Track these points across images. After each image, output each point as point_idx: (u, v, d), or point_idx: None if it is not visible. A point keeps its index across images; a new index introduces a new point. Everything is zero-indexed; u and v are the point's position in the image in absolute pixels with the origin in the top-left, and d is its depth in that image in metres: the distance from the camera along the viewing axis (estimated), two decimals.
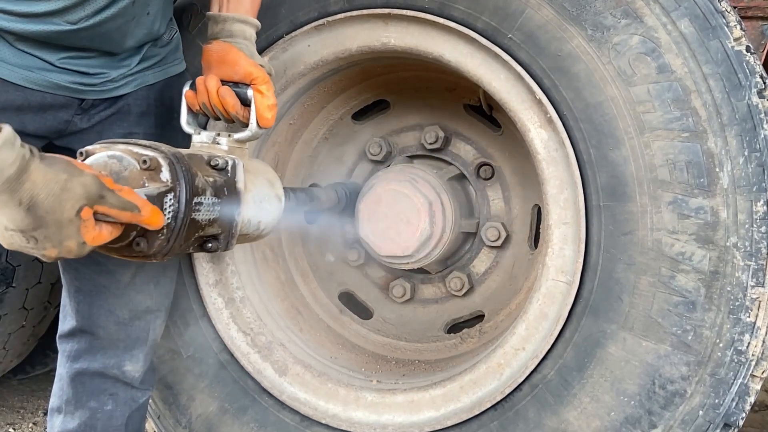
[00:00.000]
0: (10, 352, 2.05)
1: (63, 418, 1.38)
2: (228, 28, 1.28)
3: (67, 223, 0.84)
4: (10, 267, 1.84)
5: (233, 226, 1.16)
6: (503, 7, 1.26)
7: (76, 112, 1.24)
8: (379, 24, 1.40)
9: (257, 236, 1.28)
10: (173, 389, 1.60)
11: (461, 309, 1.81)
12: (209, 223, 1.09)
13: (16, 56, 1.13)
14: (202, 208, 1.06)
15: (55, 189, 0.82)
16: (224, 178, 1.14)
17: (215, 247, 1.14)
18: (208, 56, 1.28)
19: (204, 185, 1.07)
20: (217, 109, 1.25)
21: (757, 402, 2.02)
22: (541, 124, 1.27)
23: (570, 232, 1.25)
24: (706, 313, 1.13)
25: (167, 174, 1.00)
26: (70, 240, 0.86)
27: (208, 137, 1.27)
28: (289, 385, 1.53)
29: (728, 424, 1.13)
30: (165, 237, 1.00)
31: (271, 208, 1.28)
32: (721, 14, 1.13)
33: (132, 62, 1.29)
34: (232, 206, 1.15)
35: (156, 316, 1.42)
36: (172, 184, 1.00)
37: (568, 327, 1.24)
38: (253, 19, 1.31)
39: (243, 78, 1.24)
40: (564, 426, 1.24)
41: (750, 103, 1.11)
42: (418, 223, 1.55)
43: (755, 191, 1.10)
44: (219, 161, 1.14)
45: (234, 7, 1.29)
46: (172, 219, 1.00)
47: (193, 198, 1.03)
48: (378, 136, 1.83)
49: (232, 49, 1.26)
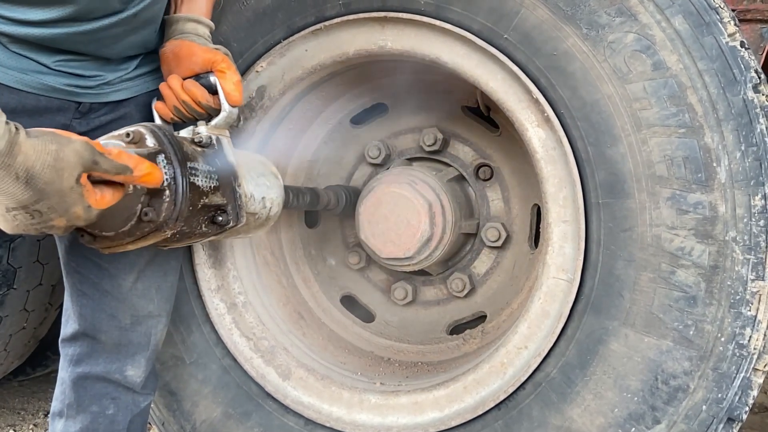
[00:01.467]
0: (11, 354, 2.05)
1: (65, 422, 1.38)
2: (180, 27, 1.30)
3: (69, 191, 0.84)
4: (11, 269, 1.84)
5: (238, 196, 1.17)
6: (498, 8, 1.27)
7: (74, 116, 1.24)
8: (376, 27, 1.41)
9: (267, 216, 1.29)
10: (177, 395, 1.60)
11: (463, 310, 1.82)
12: (212, 191, 1.10)
13: (10, 59, 1.13)
14: (198, 173, 1.08)
15: (48, 160, 0.82)
16: (212, 151, 1.16)
17: (226, 219, 1.14)
18: (164, 58, 1.29)
19: (194, 153, 1.09)
20: (188, 106, 1.25)
21: (756, 404, 2.02)
22: (538, 123, 1.28)
23: (570, 230, 1.26)
24: (707, 307, 1.14)
25: (152, 140, 1.02)
26: (76, 206, 0.86)
27: (187, 132, 1.27)
28: (293, 389, 1.53)
29: (732, 418, 1.13)
30: (170, 199, 1.00)
31: (270, 183, 1.30)
32: (714, 10, 1.14)
33: (130, 66, 1.29)
34: (229, 175, 1.17)
35: (157, 321, 1.42)
36: (160, 147, 1.02)
37: (570, 324, 1.24)
38: (206, 19, 1.33)
39: (202, 66, 1.25)
40: (568, 424, 1.24)
41: (746, 97, 1.11)
42: (418, 225, 1.56)
43: (753, 185, 1.11)
44: (203, 138, 1.17)
45: (187, 9, 1.31)
46: (171, 180, 1.01)
47: (186, 162, 1.04)
48: (377, 140, 1.84)
49: (185, 42, 1.27)
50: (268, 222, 1.33)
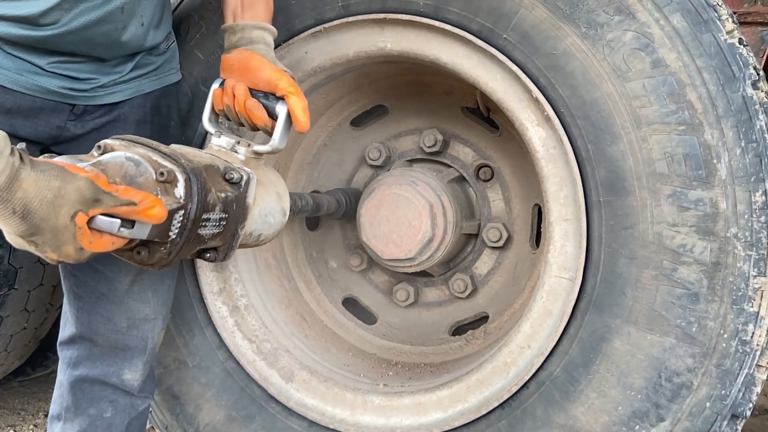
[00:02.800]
0: (11, 354, 2.05)
1: (63, 425, 1.38)
2: (247, 35, 1.25)
3: (63, 229, 0.85)
4: (12, 269, 1.84)
5: (235, 239, 1.15)
6: (497, 8, 1.27)
7: (69, 118, 1.24)
8: (375, 29, 1.42)
9: (254, 245, 1.28)
10: (180, 399, 1.60)
11: (465, 311, 1.81)
12: (212, 237, 1.09)
13: (5, 59, 1.13)
14: (208, 224, 1.05)
15: (48, 196, 0.82)
16: (236, 193, 1.12)
17: (213, 257, 1.13)
18: (228, 65, 1.24)
19: (215, 201, 1.05)
20: (241, 116, 1.22)
21: (756, 406, 2.01)
22: (538, 122, 1.28)
23: (571, 229, 1.26)
24: (709, 304, 1.14)
25: (182, 190, 0.99)
26: (67, 245, 0.86)
27: (227, 143, 1.23)
28: (296, 391, 1.53)
29: (736, 414, 1.13)
30: (167, 250, 1.00)
31: (274, 222, 1.27)
32: (712, 8, 1.14)
33: (125, 69, 1.28)
34: (238, 221, 1.14)
35: (154, 324, 1.41)
36: (185, 201, 0.99)
37: (573, 323, 1.24)
38: (270, 26, 1.29)
39: (269, 84, 1.20)
40: (572, 422, 1.24)
41: (745, 94, 1.12)
42: (419, 226, 1.56)
43: (753, 182, 1.11)
44: (234, 175, 1.11)
45: (250, 16, 1.27)
46: (178, 235, 0.99)
47: (202, 216, 1.02)
48: (377, 141, 1.84)
49: (255, 55, 1.22)
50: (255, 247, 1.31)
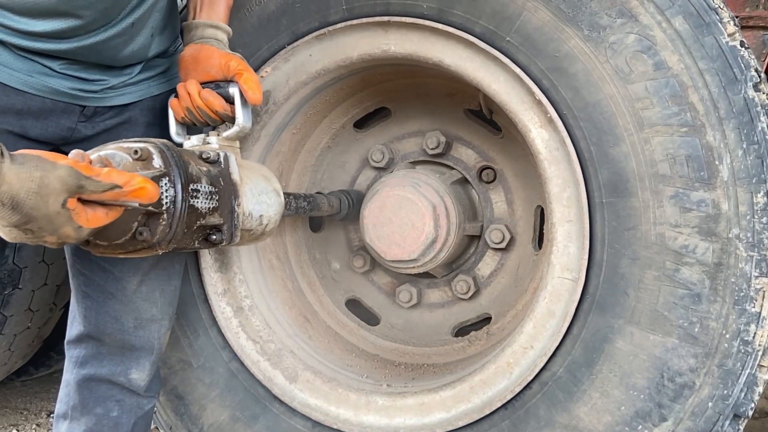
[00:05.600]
0: (15, 354, 2.05)
1: (69, 424, 1.39)
2: (200, 33, 1.32)
3: (56, 215, 0.85)
4: (16, 269, 1.85)
5: (234, 217, 1.17)
6: (500, 11, 1.28)
7: (79, 119, 1.26)
8: (379, 32, 1.43)
9: (262, 232, 1.30)
10: (184, 399, 1.60)
11: (468, 312, 1.82)
12: (209, 212, 1.10)
13: (17, 60, 1.15)
14: (199, 195, 1.08)
15: (33, 187, 0.83)
16: (218, 169, 1.16)
17: (219, 238, 1.15)
18: (183, 62, 1.31)
19: (198, 173, 1.09)
20: (201, 111, 1.27)
21: (757, 409, 2.01)
22: (541, 124, 1.29)
23: (574, 230, 1.27)
24: (711, 304, 1.15)
25: (159, 161, 1.03)
26: (65, 227, 0.87)
27: (198, 140, 1.29)
28: (300, 392, 1.53)
29: (738, 414, 1.14)
30: (166, 222, 1.01)
31: (270, 201, 1.30)
32: (714, 11, 1.15)
33: (134, 71, 1.31)
34: (230, 195, 1.17)
35: (160, 324, 1.42)
36: (165, 169, 1.02)
37: (576, 323, 1.25)
38: (224, 25, 1.35)
39: (219, 69, 1.27)
40: (575, 422, 1.25)
41: (746, 96, 1.13)
42: (422, 227, 1.57)
43: (755, 183, 1.12)
44: (210, 154, 1.17)
45: (206, 15, 1.34)
46: (171, 204, 1.01)
47: (189, 184, 1.05)
48: (380, 143, 1.85)
49: (204, 47, 1.29)
50: (262, 237, 1.33)
